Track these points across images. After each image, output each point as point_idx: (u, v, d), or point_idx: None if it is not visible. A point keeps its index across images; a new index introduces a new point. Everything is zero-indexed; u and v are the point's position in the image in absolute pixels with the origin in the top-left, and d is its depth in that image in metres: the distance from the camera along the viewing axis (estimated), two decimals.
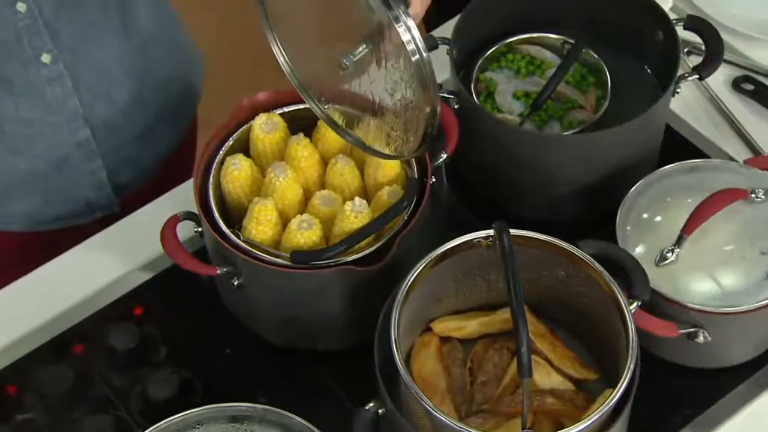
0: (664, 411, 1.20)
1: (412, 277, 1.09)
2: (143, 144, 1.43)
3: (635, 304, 1.09)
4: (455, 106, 1.28)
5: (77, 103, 1.31)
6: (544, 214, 1.31)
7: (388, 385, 1.06)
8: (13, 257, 1.41)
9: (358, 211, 1.15)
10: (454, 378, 1.16)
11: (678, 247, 1.18)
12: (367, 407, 1.06)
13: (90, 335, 1.27)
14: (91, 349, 1.26)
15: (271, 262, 1.14)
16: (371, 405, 1.06)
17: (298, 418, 1.08)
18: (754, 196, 1.20)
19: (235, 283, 1.18)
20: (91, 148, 1.36)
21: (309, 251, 1.14)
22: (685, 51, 1.47)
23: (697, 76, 1.30)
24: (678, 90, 1.30)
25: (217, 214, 1.18)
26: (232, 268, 1.18)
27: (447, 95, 1.28)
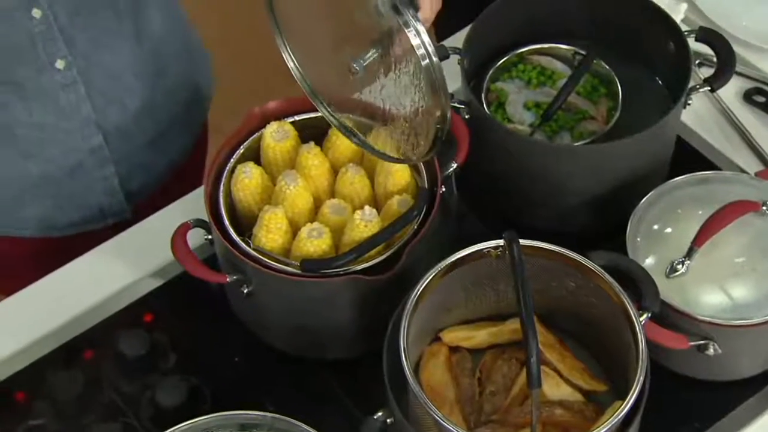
0: (674, 423, 1.19)
1: (421, 286, 1.09)
2: (155, 150, 1.43)
3: (645, 316, 1.09)
4: (466, 116, 1.28)
5: (90, 109, 1.31)
6: (555, 225, 1.30)
7: (396, 395, 1.06)
8: (26, 263, 1.41)
9: (367, 220, 1.15)
10: (462, 388, 1.16)
11: (688, 259, 1.17)
12: (375, 416, 1.06)
13: (100, 341, 1.27)
14: (100, 355, 1.26)
15: (281, 271, 1.14)
16: (380, 414, 1.06)
17: (307, 427, 1.08)
18: (765, 208, 1.20)
19: (245, 291, 1.18)
20: (104, 154, 1.36)
21: (319, 260, 1.14)
22: (697, 63, 1.47)
23: (709, 88, 1.30)
24: (689, 102, 1.30)
25: (227, 222, 1.18)
26: (242, 276, 1.18)
27: (458, 105, 1.28)
